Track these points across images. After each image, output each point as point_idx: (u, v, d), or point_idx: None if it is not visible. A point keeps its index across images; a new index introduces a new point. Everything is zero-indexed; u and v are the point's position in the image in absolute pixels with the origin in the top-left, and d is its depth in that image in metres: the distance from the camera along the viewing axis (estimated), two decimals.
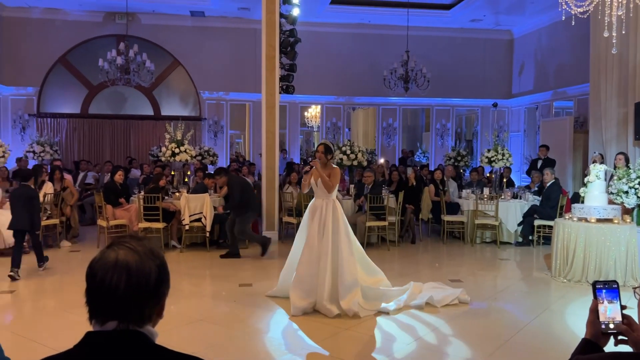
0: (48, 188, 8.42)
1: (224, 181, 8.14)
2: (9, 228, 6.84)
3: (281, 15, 10.03)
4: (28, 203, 6.61)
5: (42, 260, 6.94)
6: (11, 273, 6.50)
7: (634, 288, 1.50)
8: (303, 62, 12.19)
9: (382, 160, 13.49)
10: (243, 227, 7.88)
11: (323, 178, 5.40)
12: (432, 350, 4.40)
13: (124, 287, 1.20)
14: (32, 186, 6.95)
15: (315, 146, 19.48)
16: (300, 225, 5.71)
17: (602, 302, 1.46)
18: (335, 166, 5.66)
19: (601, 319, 1.45)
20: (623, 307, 1.47)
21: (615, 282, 1.50)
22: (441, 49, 15.44)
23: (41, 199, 8.17)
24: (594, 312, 1.47)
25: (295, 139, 16.09)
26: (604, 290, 1.48)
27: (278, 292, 5.72)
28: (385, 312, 5.28)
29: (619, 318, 1.45)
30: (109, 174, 9.86)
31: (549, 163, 10.14)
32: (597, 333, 1.45)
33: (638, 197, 6.85)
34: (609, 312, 1.46)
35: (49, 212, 8.44)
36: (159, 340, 1.29)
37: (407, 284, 5.79)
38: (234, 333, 4.75)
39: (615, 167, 7.70)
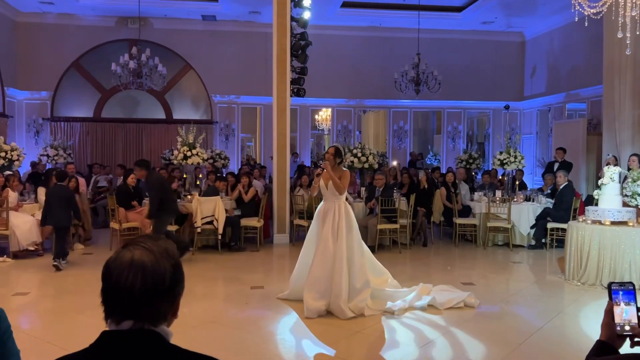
0: None
1: (142, 175, 7.45)
2: (47, 224, 7.38)
3: (292, 19, 10.07)
4: (67, 202, 7.33)
5: (60, 256, 7.19)
6: (55, 263, 7.02)
7: None
8: (314, 65, 12.21)
9: (394, 163, 13.46)
10: (159, 231, 7.27)
11: (334, 180, 5.41)
12: (443, 353, 4.37)
13: (139, 286, 1.21)
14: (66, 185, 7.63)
15: (326, 149, 19.49)
16: (310, 229, 5.69)
17: (619, 304, 1.44)
18: (345, 169, 5.66)
19: (617, 320, 1.43)
20: (639, 309, 1.45)
21: (631, 283, 1.48)
22: (452, 51, 15.39)
23: None
24: (610, 313, 1.45)
25: (306, 142, 16.11)
26: (620, 292, 1.46)
27: (290, 295, 5.73)
28: (390, 312, 5.29)
29: (635, 320, 1.43)
30: (121, 177, 9.93)
31: (566, 166, 10.03)
32: (612, 335, 1.43)
33: None
34: (625, 314, 1.44)
35: None
36: (172, 341, 1.29)
37: (416, 285, 5.79)
38: (246, 335, 4.76)
39: (629, 169, 7.62)
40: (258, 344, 4.61)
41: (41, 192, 8.43)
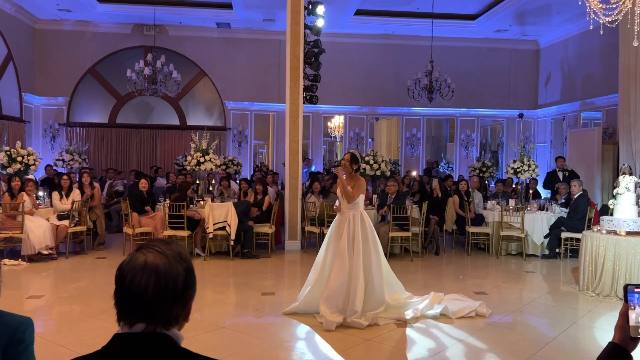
0: (76, 195, 8.60)
1: None
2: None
3: (305, 27, 10.12)
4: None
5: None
6: None
7: None
8: (327, 73, 12.24)
9: (414, 173, 13.38)
10: None
11: (343, 187, 5.35)
12: None
13: (152, 289, 1.22)
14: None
15: (339, 156, 19.50)
16: (327, 239, 5.49)
17: (634, 308, 1.42)
18: (360, 177, 5.56)
19: (631, 323, 1.41)
20: None
21: None
22: (466, 59, 15.35)
23: (69, 206, 8.38)
24: (624, 315, 1.43)
25: (318, 149, 16.13)
26: (636, 295, 1.43)
27: (299, 309, 5.49)
28: (403, 320, 5.25)
29: None
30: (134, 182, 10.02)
31: (574, 176, 9.93)
32: (625, 338, 1.41)
33: None
34: None
35: (77, 218, 8.61)
36: (182, 346, 1.30)
37: (427, 294, 5.74)
38: (256, 342, 4.76)
39: None
40: (268, 350, 4.60)
41: (55, 196, 8.53)
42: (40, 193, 8.91)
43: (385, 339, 4.82)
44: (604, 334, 5.10)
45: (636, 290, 1.44)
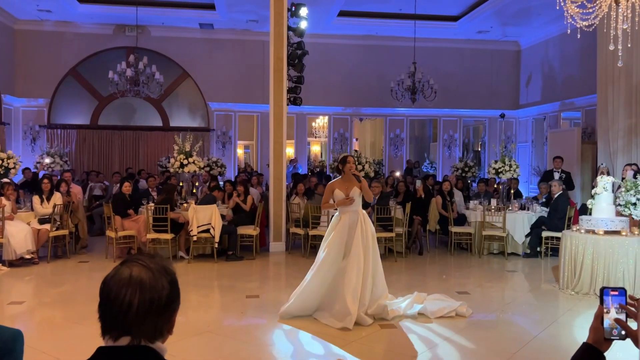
0: (57, 198, 8.51)
1: None
2: None
3: (289, 28, 10.13)
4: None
5: None
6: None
7: (636, 300, 1.49)
8: (311, 74, 12.27)
9: (397, 174, 13.48)
10: None
11: (366, 188, 5.46)
12: None
13: (137, 303, 1.24)
14: None
15: (323, 156, 19.53)
16: (333, 240, 5.34)
17: (608, 312, 1.47)
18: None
19: (606, 325, 1.46)
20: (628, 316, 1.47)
21: (623, 289, 1.50)
22: (448, 60, 15.49)
23: (50, 209, 8.29)
24: (599, 317, 1.47)
25: (303, 149, 16.16)
26: (611, 297, 1.48)
27: (298, 310, 5.34)
28: (385, 319, 5.33)
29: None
30: (118, 185, 9.94)
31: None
32: (599, 339, 1.46)
33: None
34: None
35: (58, 222, 8.53)
36: (167, 352, 1.32)
37: (410, 294, 5.82)
38: (241, 345, 4.77)
39: (622, 179, 7.68)
40: (253, 353, 4.62)
41: (36, 200, 8.42)
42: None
43: (368, 341, 4.86)
44: (583, 332, 5.16)
45: (612, 292, 1.48)
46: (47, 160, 12.07)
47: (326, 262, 5.31)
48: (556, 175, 10.51)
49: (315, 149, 20.44)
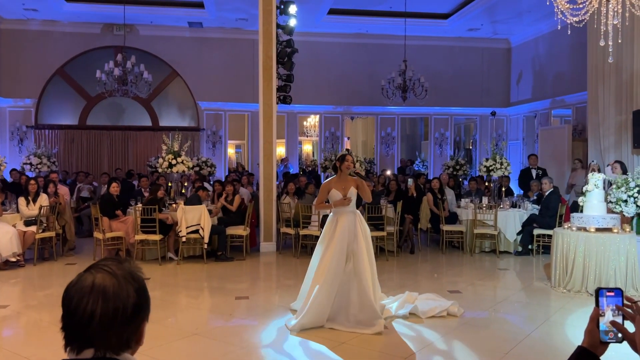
0: (43, 200, 8.37)
1: None
2: None
3: (278, 26, 10.05)
4: None
5: None
6: None
7: (634, 302, 1.44)
8: (301, 72, 12.19)
9: (388, 172, 13.44)
10: None
11: (364, 188, 5.35)
12: None
13: (100, 313, 1.16)
14: None
15: (315, 155, 19.47)
16: (335, 246, 5.12)
17: (604, 315, 1.42)
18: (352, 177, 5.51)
19: (601, 327, 1.41)
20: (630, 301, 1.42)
21: (619, 289, 1.45)
22: (439, 58, 15.46)
23: (37, 211, 8.16)
24: (594, 320, 1.42)
25: (293, 148, 16.07)
26: (606, 299, 1.42)
27: (311, 323, 5.01)
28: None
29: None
30: (106, 185, 9.80)
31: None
32: (594, 342, 1.42)
33: (637, 205, 6.81)
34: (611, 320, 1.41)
35: (45, 224, 8.39)
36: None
37: (402, 294, 5.76)
38: (229, 348, 4.69)
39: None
40: (241, 356, 4.54)
41: (22, 202, 8.28)
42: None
43: (358, 342, 4.79)
44: (575, 330, 5.17)
45: (608, 293, 1.43)
46: (34, 161, 11.89)
47: (332, 270, 5.06)
48: (533, 173, 10.53)
49: (307, 148, 20.38)
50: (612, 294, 1.42)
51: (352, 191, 5.33)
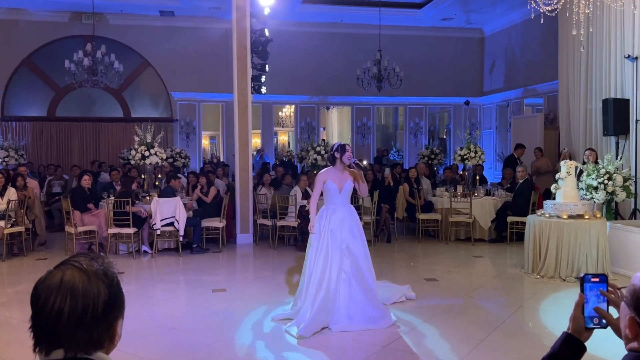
0: (11, 194, 8.13)
1: None
2: None
3: (252, 15, 9.90)
4: None
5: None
6: None
7: (618, 289, 1.45)
8: (276, 62, 12.07)
9: (365, 162, 13.42)
10: None
11: (360, 180, 5.13)
12: (407, 352, 4.36)
13: (68, 311, 1.10)
14: None
15: (291, 146, 19.37)
16: (334, 242, 4.95)
17: (588, 301, 1.43)
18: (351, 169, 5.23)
19: (586, 313, 1.42)
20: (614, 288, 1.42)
21: (604, 274, 1.46)
22: (413, 47, 15.50)
23: (4, 205, 7.92)
24: (579, 306, 1.43)
25: (269, 139, 15.96)
26: (590, 284, 1.43)
27: (319, 326, 4.78)
28: None
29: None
30: (77, 178, 9.58)
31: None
32: (579, 328, 1.43)
33: (607, 192, 6.95)
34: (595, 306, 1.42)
35: (14, 218, 8.16)
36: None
37: None
38: (206, 341, 4.63)
39: (584, 163, 7.80)
40: (220, 349, 4.49)
41: None
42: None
43: (335, 332, 4.78)
44: (548, 315, 5.28)
45: (593, 279, 1.43)
46: (2, 154, 11.54)
47: (334, 270, 4.92)
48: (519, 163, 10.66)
49: (283, 138, 20.26)
50: (597, 280, 1.43)
51: (349, 184, 5.09)
